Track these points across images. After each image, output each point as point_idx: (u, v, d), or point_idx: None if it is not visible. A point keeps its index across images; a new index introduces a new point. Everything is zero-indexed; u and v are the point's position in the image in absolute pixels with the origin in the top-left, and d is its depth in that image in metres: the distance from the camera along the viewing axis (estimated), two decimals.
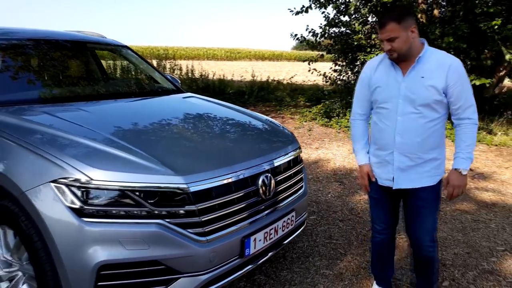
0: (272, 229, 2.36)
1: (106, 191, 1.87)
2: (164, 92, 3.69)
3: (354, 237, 3.49)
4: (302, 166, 2.88)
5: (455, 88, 2.08)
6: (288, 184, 2.59)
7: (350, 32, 9.18)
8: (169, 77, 3.96)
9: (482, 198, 4.48)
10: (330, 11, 14.95)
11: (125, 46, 4.05)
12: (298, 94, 11.60)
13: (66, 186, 1.85)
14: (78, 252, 1.81)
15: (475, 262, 3.13)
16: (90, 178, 1.85)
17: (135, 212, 1.89)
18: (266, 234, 2.31)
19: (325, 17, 9.45)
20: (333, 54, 10.09)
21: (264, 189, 2.32)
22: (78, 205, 1.83)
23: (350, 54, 9.47)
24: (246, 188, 2.24)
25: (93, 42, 3.79)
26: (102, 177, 1.87)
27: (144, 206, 1.89)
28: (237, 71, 17.84)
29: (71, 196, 1.84)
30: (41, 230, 1.87)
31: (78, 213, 1.83)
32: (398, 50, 2.09)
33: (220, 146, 2.46)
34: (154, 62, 12.47)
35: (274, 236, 2.40)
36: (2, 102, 2.54)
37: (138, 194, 1.89)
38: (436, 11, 8.23)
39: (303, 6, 9.11)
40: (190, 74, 12.26)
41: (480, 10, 7.00)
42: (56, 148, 2.00)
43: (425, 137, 2.15)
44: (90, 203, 1.85)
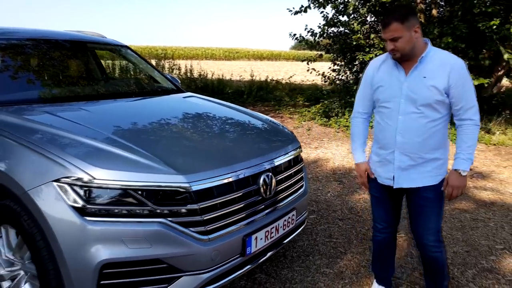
0: (273, 227, 2.37)
1: (109, 190, 1.88)
2: (164, 91, 3.69)
3: (354, 236, 3.51)
4: (303, 165, 2.89)
5: (457, 88, 2.07)
6: (288, 183, 2.60)
7: (349, 32, 9.19)
8: (169, 76, 3.97)
9: (481, 197, 4.50)
10: (329, 11, 14.97)
11: (125, 46, 4.05)
12: (297, 93, 11.61)
13: (69, 185, 1.86)
14: (80, 250, 1.81)
15: (474, 260, 3.15)
16: (92, 177, 1.86)
17: (138, 211, 1.89)
18: (267, 233, 2.33)
19: (324, 17, 9.47)
20: (331, 54, 10.10)
21: (265, 188, 2.33)
22: (80, 204, 1.84)
23: (349, 54, 9.49)
24: (247, 187, 2.24)
25: (93, 42, 3.79)
26: (104, 176, 1.87)
27: (146, 205, 1.90)
28: (235, 71, 17.84)
29: (74, 195, 1.85)
30: (43, 229, 1.87)
31: (81, 212, 1.83)
32: (401, 50, 2.09)
33: (221, 145, 2.47)
34: (153, 62, 12.46)
35: (275, 234, 2.41)
36: (3, 102, 2.54)
37: (140, 193, 1.90)
38: (434, 11, 8.25)
39: (302, 6, 9.13)
40: (189, 74, 12.26)
41: (478, 10, 7.02)
42: (58, 147, 2.00)
43: (426, 137, 2.15)
44: (93, 202, 1.86)
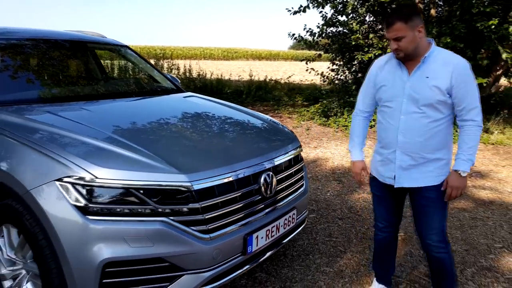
0: (274, 226, 2.39)
1: (111, 189, 1.88)
2: (164, 91, 3.70)
3: (354, 235, 3.52)
4: (303, 164, 2.90)
5: (460, 89, 2.06)
6: (289, 182, 2.61)
7: (348, 31, 9.21)
8: (169, 76, 3.97)
9: (479, 196, 4.52)
10: (328, 11, 14.99)
11: (125, 46, 4.05)
12: (295, 93, 11.64)
13: (71, 184, 1.86)
14: (83, 249, 1.82)
15: (473, 259, 3.16)
16: (94, 177, 1.87)
17: (139, 210, 1.90)
18: (268, 232, 2.34)
19: (322, 16, 9.48)
20: (330, 54, 10.12)
21: (265, 187, 2.34)
22: (83, 203, 1.85)
23: (348, 54, 9.50)
24: (248, 186, 2.25)
25: (93, 41, 3.79)
26: (106, 175, 1.88)
27: (148, 204, 1.91)
28: (234, 71, 17.86)
29: (76, 194, 1.85)
30: (46, 228, 1.88)
31: (83, 211, 1.84)
32: (404, 50, 2.09)
33: (221, 145, 2.48)
34: (152, 62, 12.46)
35: (276, 233, 2.42)
36: (5, 101, 2.55)
37: (142, 192, 1.91)
38: (433, 11, 8.27)
39: (301, 6, 9.14)
40: (188, 74, 12.26)
41: (477, 10, 7.04)
42: (60, 146, 2.01)
43: (428, 137, 2.14)
44: (95, 201, 1.86)
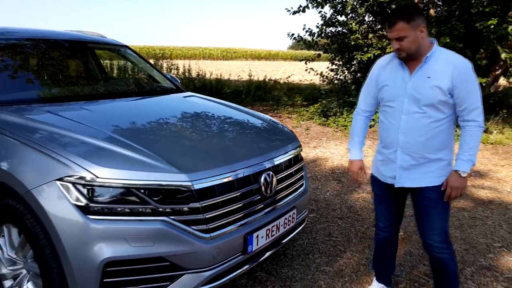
0: (274, 226, 2.39)
1: (111, 189, 1.89)
2: (164, 91, 3.70)
3: (353, 234, 3.53)
4: (303, 164, 2.91)
5: (461, 89, 2.05)
6: (289, 182, 2.62)
7: (347, 31, 9.22)
8: (169, 76, 3.98)
9: (478, 196, 4.53)
10: (327, 11, 15.00)
11: (125, 46, 4.06)
12: (295, 93, 11.64)
13: (72, 184, 1.87)
14: (84, 249, 1.82)
15: (473, 258, 3.17)
16: (95, 176, 1.87)
17: (140, 209, 1.91)
18: (268, 231, 2.34)
19: (322, 16, 9.50)
20: (330, 54, 10.13)
21: (265, 187, 2.34)
22: (83, 202, 1.85)
23: (347, 54, 9.52)
24: (248, 185, 2.26)
25: (93, 41, 3.79)
26: (107, 175, 1.89)
27: (149, 204, 1.91)
28: (233, 71, 17.86)
29: (77, 193, 1.86)
30: (47, 228, 1.88)
31: (84, 210, 1.85)
32: (406, 50, 2.09)
33: (222, 144, 2.48)
34: (151, 62, 12.45)
35: (276, 233, 2.42)
36: (5, 101, 2.55)
37: (143, 191, 1.91)
38: (432, 11, 8.28)
39: (300, 6, 9.15)
40: (187, 74, 12.26)
41: (476, 10, 7.05)
42: (61, 146, 2.01)
43: (429, 137, 2.14)
44: (96, 201, 1.87)
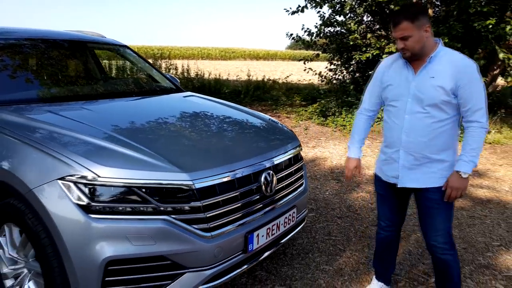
0: (274, 225, 2.40)
1: (113, 188, 1.89)
2: (164, 91, 3.71)
3: (353, 233, 3.55)
4: (302, 163, 2.92)
5: (465, 90, 2.04)
6: (289, 181, 2.63)
7: (346, 31, 9.25)
8: (168, 76, 3.98)
9: (477, 195, 4.56)
10: (326, 11, 15.02)
11: (124, 46, 4.06)
12: (293, 93, 11.64)
13: (73, 183, 1.87)
14: (86, 248, 1.83)
15: (471, 257, 3.19)
16: (97, 175, 1.88)
17: (142, 208, 1.92)
18: (268, 230, 2.35)
19: (320, 16, 9.52)
20: (328, 54, 10.15)
21: (266, 186, 2.36)
22: (85, 201, 1.86)
23: (345, 54, 9.55)
24: (249, 185, 2.27)
25: (93, 41, 3.80)
26: (108, 174, 1.89)
27: (150, 203, 1.92)
28: (232, 71, 17.86)
29: (78, 193, 1.86)
30: (48, 227, 1.89)
31: (86, 209, 1.85)
32: (411, 49, 2.09)
33: (222, 144, 2.49)
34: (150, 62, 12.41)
35: (276, 232, 2.44)
36: (6, 101, 2.55)
37: (144, 190, 1.92)
38: (430, 11, 8.30)
39: (299, 6, 9.17)
40: (186, 74, 12.26)
41: (474, 10, 7.07)
42: (62, 146, 2.02)
43: (432, 137, 2.14)
44: (97, 200, 1.88)
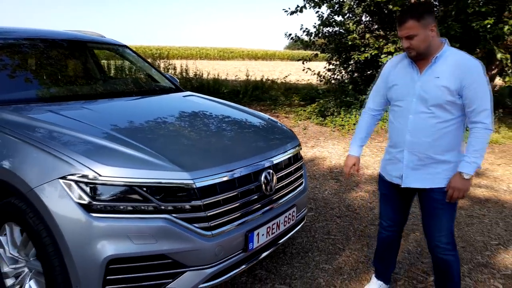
0: (274, 224, 2.41)
1: (114, 187, 1.90)
2: (164, 91, 3.72)
3: (352, 232, 3.56)
4: (302, 162, 2.93)
5: (470, 90, 2.02)
6: (289, 180, 2.64)
7: (344, 31, 9.26)
8: (168, 76, 3.99)
9: (475, 194, 4.57)
10: (324, 11, 15.03)
11: (124, 46, 4.07)
12: (292, 93, 11.66)
13: (75, 182, 1.88)
14: (87, 247, 1.84)
15: (470, 256, 3.21)
16: (98, 174, 1.89)
17: (143, 207, 1.92)
18: (268, 229, 2.36)
19: (319, 16, 9.53)
20: (327, 54, 10.17)
21: (266, 185, 2.37)
22: (86, 200, 1.86)
23: (344, 54, 9.56)
24: (249, 184, 2.28)
25: (92, 41, 3.80)
26: (109, 173, 1.90)
27: (151, 202, 1.93)
28: (230, 71, 17.86)
29: (80, 192, 1.87)
30: (50, 226, 1.89)
31: (87, 208, 1.86)
32: (416, 48, 2.08)
33: (222, 143, 2.50)
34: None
35: (276, 230, 2.45)
36: (6, 101, 2.56)
37: (145, 189, 1.93)
38: None
39: (298, 6, 9.18)
40: (185, 74, 12.26)
41: (472, 10, 7.10)
42: (63, 145, 2.03)
43: (436, 137, 2.12)
44: (98, 199, 1.88)
